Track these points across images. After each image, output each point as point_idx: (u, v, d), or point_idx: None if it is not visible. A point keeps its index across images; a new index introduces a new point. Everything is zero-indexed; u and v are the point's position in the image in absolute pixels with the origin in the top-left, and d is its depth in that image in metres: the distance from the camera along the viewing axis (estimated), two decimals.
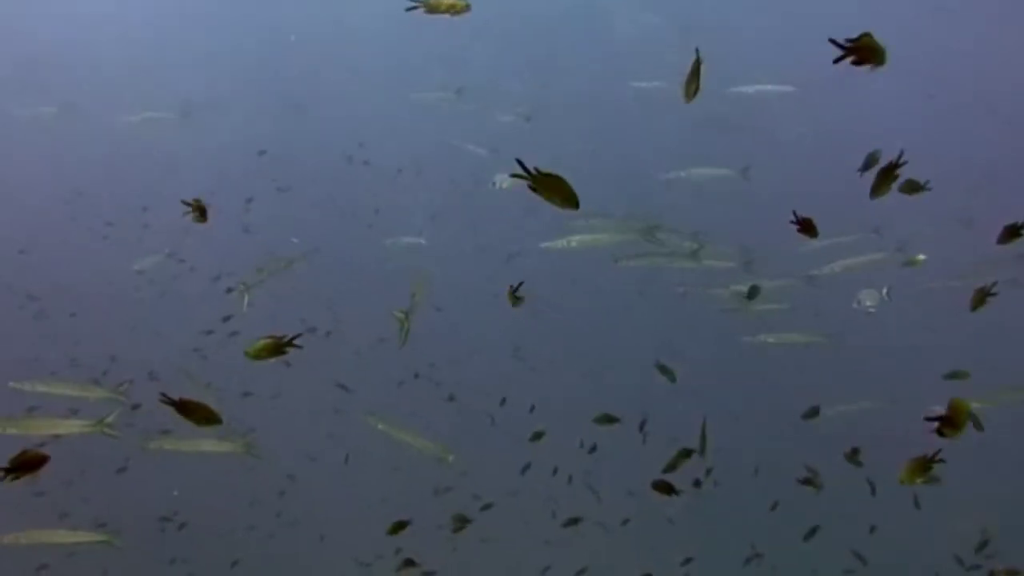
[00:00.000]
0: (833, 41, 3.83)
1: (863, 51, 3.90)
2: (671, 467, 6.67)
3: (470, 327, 13.77)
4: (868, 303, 9.96)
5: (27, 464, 4.09)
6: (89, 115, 14.74)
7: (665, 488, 6.30)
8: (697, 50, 4.74)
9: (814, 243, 11.27)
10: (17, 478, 4.10)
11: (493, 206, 13.39)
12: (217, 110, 15.84)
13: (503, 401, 11.11)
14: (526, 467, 10.17)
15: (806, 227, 5.61)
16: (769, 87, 14.92)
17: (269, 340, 4.23)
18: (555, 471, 10.35)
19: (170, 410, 4.12)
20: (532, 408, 10.63)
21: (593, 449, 9.11)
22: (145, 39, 16.66)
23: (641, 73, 16.19)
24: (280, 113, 16.43)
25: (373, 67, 16.99)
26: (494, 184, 9.69)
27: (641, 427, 9.09)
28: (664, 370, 8.04)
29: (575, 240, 9.08)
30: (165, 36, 16.87)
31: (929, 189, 5.94)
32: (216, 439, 7.92)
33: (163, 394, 4.06)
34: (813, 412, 9.21)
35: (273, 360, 4.32)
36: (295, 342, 4.22)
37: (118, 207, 13.64)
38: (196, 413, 4.26)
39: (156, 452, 7.77)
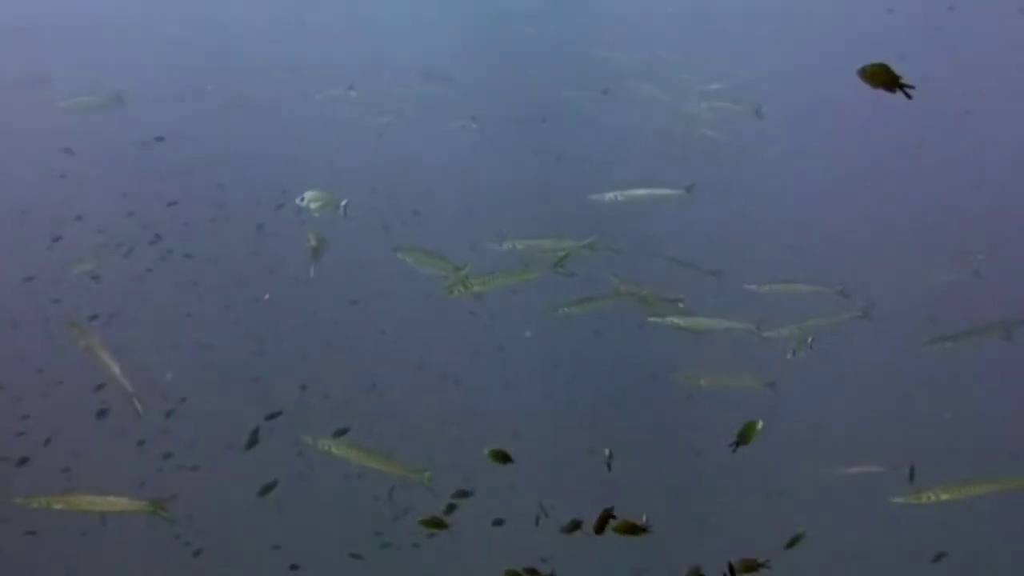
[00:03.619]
0: None
1: None
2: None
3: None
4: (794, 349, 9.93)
5: None
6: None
7: None
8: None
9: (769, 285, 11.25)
10: None
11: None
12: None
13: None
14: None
15: None
16: (723, 104, 14.62)
17: None
18: None
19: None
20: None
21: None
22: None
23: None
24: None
25: (319, 69, 16.29)
26: (302, 200, 8.36)
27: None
28: None
29: (467, 285, 7.76)
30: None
31: None
32: (118, 497, 6.93)
33: None
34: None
35: None
36: None
37: None
38: None
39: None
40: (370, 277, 12.86)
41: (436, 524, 7.01)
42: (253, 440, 8.69)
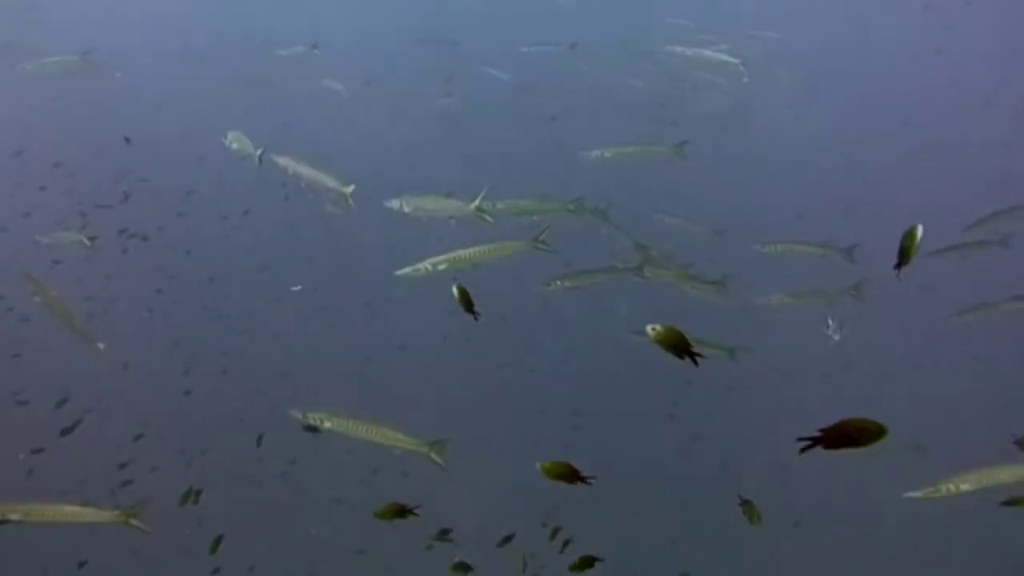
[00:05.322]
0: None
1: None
2: None
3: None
4: (831, 332, 9.84)
5: None
6: None
7: None
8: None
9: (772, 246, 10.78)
10: None
11: None
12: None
13: None
14: None
15: None
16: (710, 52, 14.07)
17: None
18: None
19: None
20: None
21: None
22: None
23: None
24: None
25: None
26: (224, 138, 8.55)
27: None
28: None
29: (434, 263, 7.04)
30: None
31: None
32: (83, 507, 6.42)
33: None
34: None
35: None
36: None
37: None
38: None
39: None
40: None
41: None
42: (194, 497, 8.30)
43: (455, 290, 5.81)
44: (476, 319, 5.92)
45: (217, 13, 17.51)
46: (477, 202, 7.71)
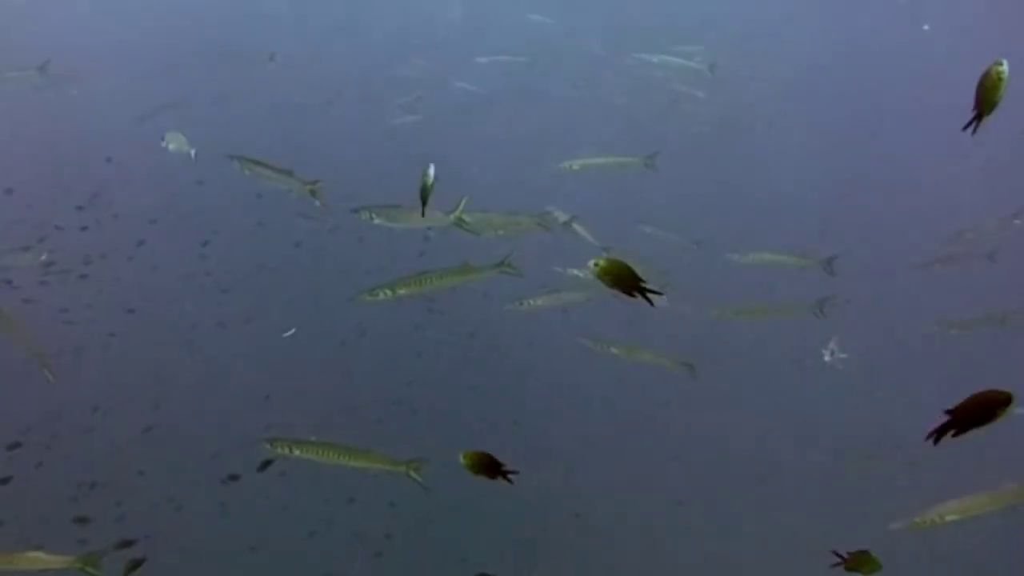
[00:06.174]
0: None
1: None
2: None
3: None
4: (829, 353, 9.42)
5: None
6: None
7: None
8: None
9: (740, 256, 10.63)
10: None
11: None
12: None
13: None
14: None
15: None
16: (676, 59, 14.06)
17: None
18: None
19: None
20: None
21: None
22: None
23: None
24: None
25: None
26: (164, 141, 8.73)
27: None
28: None
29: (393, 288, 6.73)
30: None
31: None
32: (37, 552, 6.09)
33: None
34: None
35: None
36: None
37: None
38: None
39: None
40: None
41: None
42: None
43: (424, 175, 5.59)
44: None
45: (178, 26, 17.12)
46: (458, 211, 7.39)
